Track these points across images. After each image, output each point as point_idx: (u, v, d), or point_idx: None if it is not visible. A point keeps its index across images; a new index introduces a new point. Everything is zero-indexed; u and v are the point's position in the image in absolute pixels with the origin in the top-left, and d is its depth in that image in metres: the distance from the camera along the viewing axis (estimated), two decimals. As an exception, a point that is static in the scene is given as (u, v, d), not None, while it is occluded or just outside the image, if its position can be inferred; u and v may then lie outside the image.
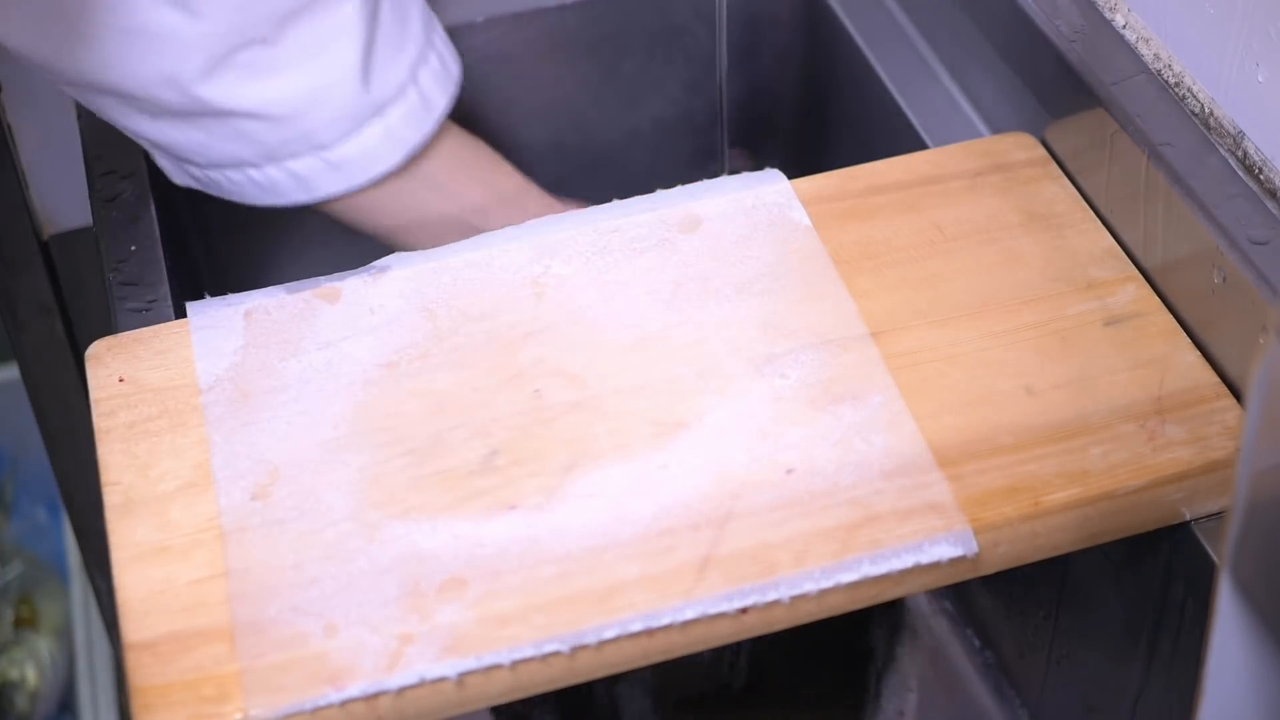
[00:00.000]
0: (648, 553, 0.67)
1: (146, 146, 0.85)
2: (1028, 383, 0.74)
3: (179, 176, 0.86)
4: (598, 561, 0.67)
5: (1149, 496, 0.70)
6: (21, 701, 1.49)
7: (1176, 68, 0.80)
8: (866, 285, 0.78)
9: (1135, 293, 0.78)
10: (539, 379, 0.75)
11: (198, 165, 0.84)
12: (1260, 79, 0.74)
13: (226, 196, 0.86)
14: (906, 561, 0.67)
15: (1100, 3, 0.84)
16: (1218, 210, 0.75)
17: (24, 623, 1.54)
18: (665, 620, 0.66)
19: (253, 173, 0.83)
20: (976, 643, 0.99)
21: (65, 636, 1.54)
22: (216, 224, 1.02)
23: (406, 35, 0.84)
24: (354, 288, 0.79)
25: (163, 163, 0.86)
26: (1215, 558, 0.71)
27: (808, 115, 1.09)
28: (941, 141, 0.90)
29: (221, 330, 0.77)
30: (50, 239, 1.03)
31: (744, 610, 0.66)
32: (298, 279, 0.80)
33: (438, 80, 0.86)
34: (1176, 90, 0.80)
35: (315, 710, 0.63)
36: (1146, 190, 0.78)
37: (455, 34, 1.01)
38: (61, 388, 1.12)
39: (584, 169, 1.08)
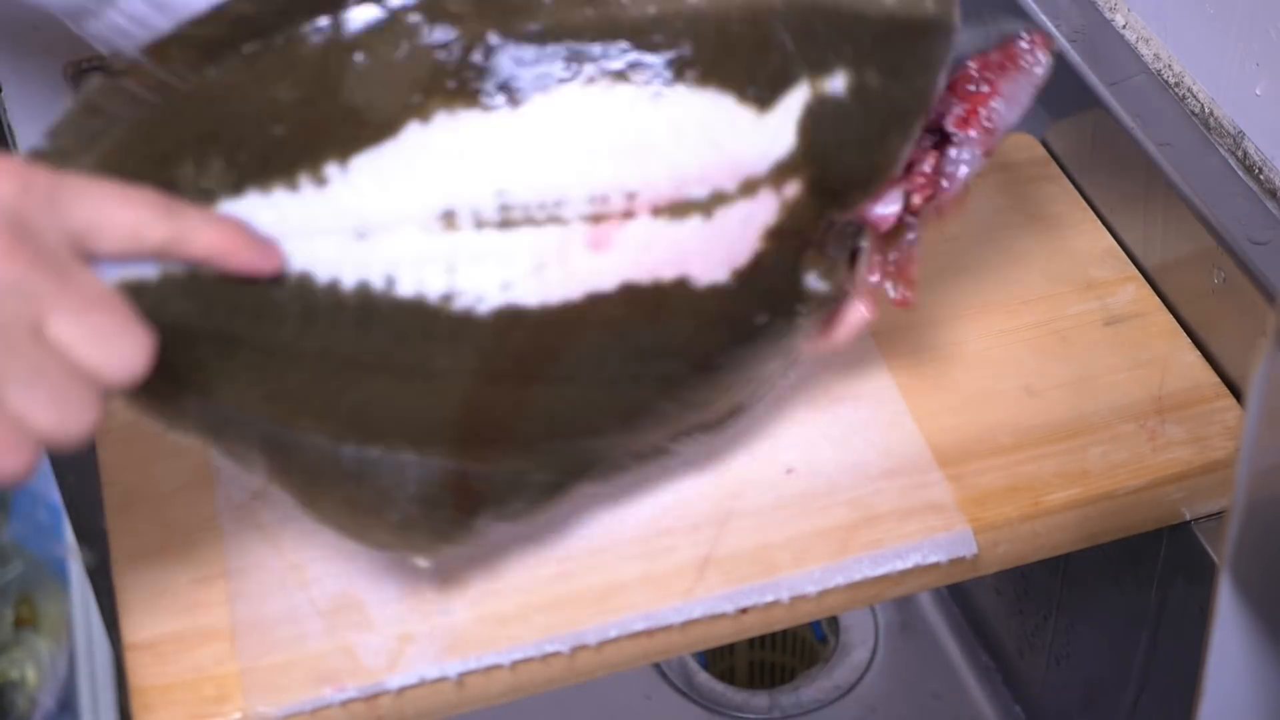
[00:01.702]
0: (648, 553, 0.67)
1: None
2: (1028, 383, 0.74)
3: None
4: (598, 561, 0.67)
5: (1149, 496, 0.70)
6: (21, 701, 1.49)
7: (1176, 68, 0.80)
8: (866, 285, 0.78)
9: (1135, 293, 0.78)
10: (539, 379, 0.74)
11: None
12: (1260, 79, 0.74)
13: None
14: (906, 562, 0.67)
15: (1100, 3, 0.84)
16: (1218, 210, 0.74)
17: (24, 623, 1.54)
18: (665, 620, 0.66)
19: None
20: (976, 642, 0.99)
21: (65, 636, 1.54)
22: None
23: None
24: (354, 288, 0.79)
25: None
26: (1215, 558, 0.71)
27: (808, 115, 1.09)
28: (941, 141, 0.90)
29: (221, 330, 0.77)
30: (50, 239, 1.03)
31: (744, 610, 0.66)
32: (298, 279, 0.80)
33: None
34: (1176, 90, 0.80)
35: (315, 710, 0.63)
36: (1146, 190, 0.78)
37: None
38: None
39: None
